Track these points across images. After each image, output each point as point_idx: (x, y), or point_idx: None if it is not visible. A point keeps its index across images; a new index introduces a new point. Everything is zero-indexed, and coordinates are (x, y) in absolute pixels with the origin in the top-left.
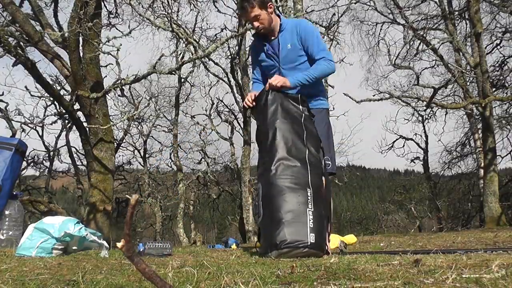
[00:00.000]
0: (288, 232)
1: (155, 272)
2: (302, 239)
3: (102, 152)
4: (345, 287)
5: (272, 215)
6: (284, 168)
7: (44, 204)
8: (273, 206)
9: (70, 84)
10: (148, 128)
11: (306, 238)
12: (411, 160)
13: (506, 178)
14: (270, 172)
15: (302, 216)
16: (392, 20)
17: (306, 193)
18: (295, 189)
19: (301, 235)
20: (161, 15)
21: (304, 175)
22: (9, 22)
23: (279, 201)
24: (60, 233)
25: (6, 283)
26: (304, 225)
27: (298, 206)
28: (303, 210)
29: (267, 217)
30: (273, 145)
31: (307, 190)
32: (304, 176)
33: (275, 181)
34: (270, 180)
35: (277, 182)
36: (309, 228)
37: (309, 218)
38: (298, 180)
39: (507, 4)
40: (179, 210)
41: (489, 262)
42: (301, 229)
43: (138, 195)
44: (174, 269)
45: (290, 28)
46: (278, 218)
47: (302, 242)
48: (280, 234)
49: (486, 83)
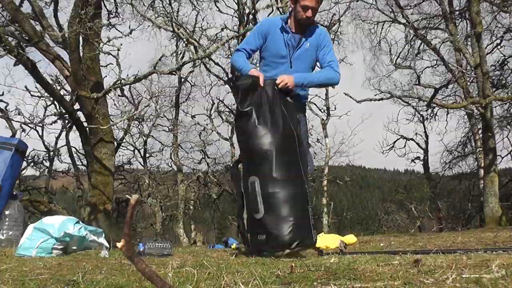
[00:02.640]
0: (298, 231)
1: (155, 272)
2: (309, 237)
3: (102, 152)
4: (345, 287)
5: (277, 213)
6: (283, 163)
7: (44, 204)
8: (276, 203)
9: (70, 84)
10: (148, 128)
11: (311, 235)
12: (412, 160)
13: (507, 178)
14: (270, 166)
15: (306, 213)
16: (393, 19)
17: (306, 189)
18: (296, 184)
19: (307, 233)
20: (161, 15)
21: (299, 171)
22: (9, 22)
23: (283, 197)
24: (59, 233)
25: (6, 283)
26: (308, 223)
27: (302, 203)
28: (306, 207)
29: (271, 214)
30: (271, 138)
31: (305, 186)
32: (300, 173)
33: (276, 176)
34: (269, 174)
35: (278, 177)
36: (311, 226)
37: (310, 216)
38: (297, 176)
39: (507, 4)
40: (179, 210)
41: (489, 262)
42: (307, 227)
43: (138, 195)
44: (174, 269)
45: (315, 31)
46: (285, 216)
47: (309, 239)
48: (291, 233)
49: (486, 83)
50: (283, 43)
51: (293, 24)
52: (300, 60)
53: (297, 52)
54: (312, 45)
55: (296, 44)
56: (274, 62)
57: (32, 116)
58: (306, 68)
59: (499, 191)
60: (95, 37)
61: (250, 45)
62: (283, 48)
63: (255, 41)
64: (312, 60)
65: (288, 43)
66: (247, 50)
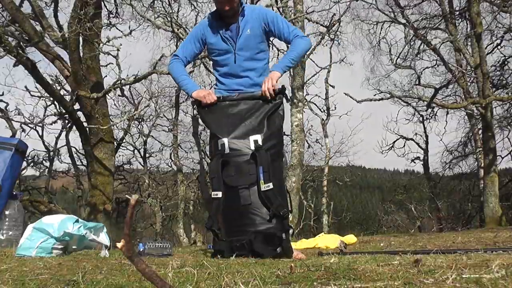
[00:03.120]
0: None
1: (155, 272)
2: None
3: (102, 152)
4: (345, 287)
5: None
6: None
7: (44, 204)
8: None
9: (70, 84)
10: (148, 128)
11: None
12: (412, 160)
13: (507, 178)
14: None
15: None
16: (393, 19)
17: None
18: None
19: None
20: (161, 15)
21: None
22: (9, 22)
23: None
24: (59, 232)
25: (6, 283)
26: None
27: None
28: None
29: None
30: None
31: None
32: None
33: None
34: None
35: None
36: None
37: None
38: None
39: (507, 4)
40: (179, 210)
41: (489, 262)
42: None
43: (138, 195)
44: (174, 269)
45: (251, 14)
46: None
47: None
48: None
49: (487, 83)
50: (220, 38)
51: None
52: (244, 49)
53: (240, 42)
54: (253, 29)
55: (235, 34)
56: (221, 60)
57: (32, 116)
58: (253, 54)
59: (499, 191)
60: (95, 37)
61: (185, 51)
62: (223, 44)
63: (191, 46)
64: (257, 43)
65: (226, 36)
66: (182, 57)
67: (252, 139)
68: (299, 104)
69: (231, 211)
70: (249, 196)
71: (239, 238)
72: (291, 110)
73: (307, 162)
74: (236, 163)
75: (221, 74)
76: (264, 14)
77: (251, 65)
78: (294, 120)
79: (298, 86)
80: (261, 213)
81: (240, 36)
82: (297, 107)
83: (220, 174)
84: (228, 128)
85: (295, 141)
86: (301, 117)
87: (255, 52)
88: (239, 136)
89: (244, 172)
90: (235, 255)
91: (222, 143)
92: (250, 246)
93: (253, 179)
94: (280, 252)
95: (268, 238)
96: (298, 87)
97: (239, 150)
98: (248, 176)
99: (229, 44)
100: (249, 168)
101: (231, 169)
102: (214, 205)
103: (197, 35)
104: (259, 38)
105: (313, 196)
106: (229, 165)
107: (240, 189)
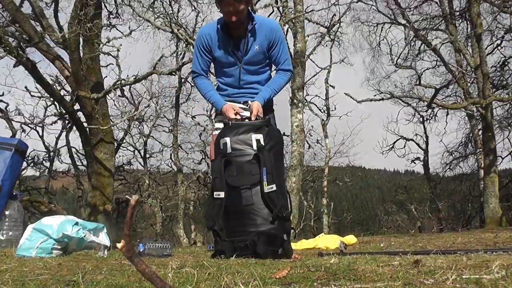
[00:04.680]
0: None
1: (155, 272)
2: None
3: (102, 153)
4: (345, 287)
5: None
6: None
7: (44, 205)
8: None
9: (70, 85)
10: (148, 128)
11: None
12: (412, 160)
13: (507, 179)
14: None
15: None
16: (393, 20)
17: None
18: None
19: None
20: (161, 16)
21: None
22: (9, 22)
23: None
24: (58, 234)
25: (6, 283)
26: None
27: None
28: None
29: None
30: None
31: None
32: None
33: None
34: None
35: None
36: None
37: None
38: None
39: (508, 5)
40: (179, 211)
41: (489, 262)
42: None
43: (138, 196)
44: (174, 270)
45: (260, 29)
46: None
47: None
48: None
49: (487, 84)
50: (227, 52)
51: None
52: (250, 63)
53: (246, 57)
54: (261, 46)
55: (242, 48)
56: (226, 71)
57: (32, 116)
58: (258, 68)
59: (499, 191)
60: (95, 37)
61: (201, 64)
62: (229, 58)
63: (203, 59)
64: (263, 58)
65: (232, 51)
66: (201, 72)
67: (254, 138)
68: (299, 104)
69: (232, 211)
70: (251, 196)
71: (242, 239)
72: (291, 111)
73: (307, 163)
74: (238, 163)
75: (224, 83)
76: (274, 34)
77: (255, 79)
78: (294, 121)
79: (298, 87)
80: (263, 213)
81: (248, 52)
82: (297, 108)
83: (223, 174)
84: (231, 128)
85: (295, 141)
86: (301, 118)
87: (261, 66)
88: (242, 133)
89: (246, 173)
90: (235, 255)
91: (224, 142)
92: (254, 247)
93: (255, 180)
94: (281, 253)
95: (271, 239)
96: (298, 88)
97: (241, 150)
98: (250, 176)
99: (235, 58)
100: (251, 168)
101: (233, 169)
102: (216, 205)
103: (204, 47)
104: (264, 53)
105: (313, 197)
106: (231, 165)
107: (242, 189)
